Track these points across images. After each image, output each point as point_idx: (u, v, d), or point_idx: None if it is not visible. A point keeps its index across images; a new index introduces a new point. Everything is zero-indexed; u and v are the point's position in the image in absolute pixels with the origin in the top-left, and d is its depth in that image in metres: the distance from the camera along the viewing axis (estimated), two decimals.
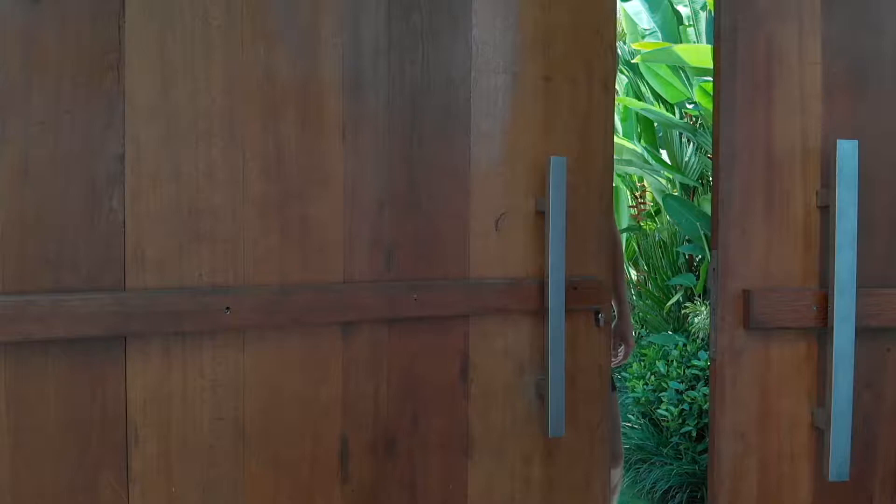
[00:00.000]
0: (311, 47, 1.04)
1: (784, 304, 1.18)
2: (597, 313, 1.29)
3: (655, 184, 4.92)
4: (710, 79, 3.09)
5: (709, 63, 2.96)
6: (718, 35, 1.24)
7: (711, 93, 3.11)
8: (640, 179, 5.64)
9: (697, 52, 3.04)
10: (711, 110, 3.22)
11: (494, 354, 1.23)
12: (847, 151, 1.14)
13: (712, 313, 1.21)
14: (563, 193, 1.19)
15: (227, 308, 0.99)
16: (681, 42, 3.95)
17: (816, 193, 1.19)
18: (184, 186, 0.98)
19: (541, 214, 1.23)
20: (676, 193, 4.66)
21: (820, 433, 1.19)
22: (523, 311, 1.25)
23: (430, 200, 1.16)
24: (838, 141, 1.14)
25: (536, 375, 1.26)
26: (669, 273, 4.89)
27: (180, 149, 0.97)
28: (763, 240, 1.19)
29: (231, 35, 1.00)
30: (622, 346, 2.43)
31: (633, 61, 4.04)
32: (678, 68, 4.08)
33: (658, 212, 5.35)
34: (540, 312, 1.25)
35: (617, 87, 5.59)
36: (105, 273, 0.92)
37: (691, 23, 3.88)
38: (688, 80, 4.05)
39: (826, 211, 1.17)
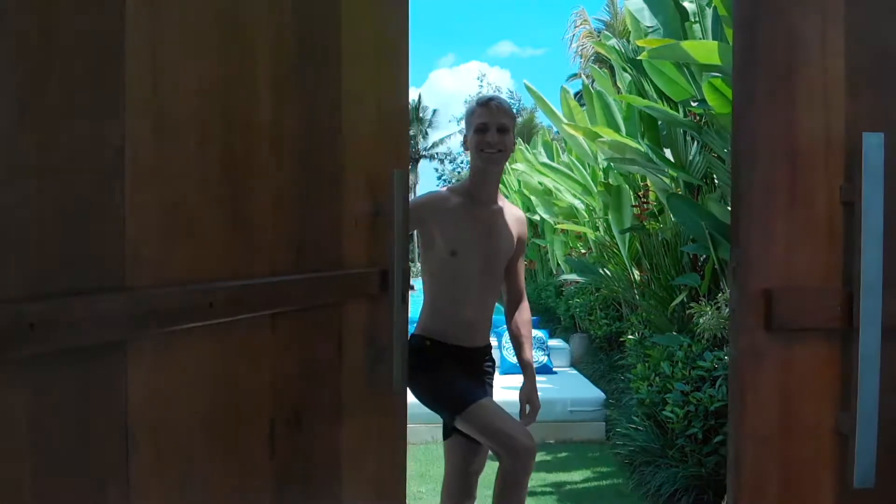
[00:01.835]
0: (250, 60, 1.14)
1: (807, 304, 1.13)
2: (403, 294, 1.61)
3: (659, 183, 4.88)
4: (719, 75, 3.05)
5: (717, 59, 2.92)
6: (737, 25, 1.20)
7: (720, 89, 3.07)
8: (643, 179, 5.60)
9: (705, 47, 2.99)
10: (719, 108, 3.17)
11: (354, 332, 1.45)
12: (872, 145, 1.10)
13: (731, 314, 1.17)
14: (402, 198, 1.51)
15: (211, 304, 1.01)
16: (685, 39, 3.90)
17: (840, 188, 1.14)
18: (170, 183, 0.97)
19: (380, 216, 1.51)
20: (680, 193, 4.62)
21: (844, 439, 1.14)
22: (371, 295, 1.51)
23: (322, 202, 1.34)
24: (864, 134, 1.10)
25: (377, 347, 1.52)
26: (673, 273, 4.85)
27: (167, 146, 0.96)
28: (785, 237, 1.14)
29: (202, 39, 1.02)
30: (528, 408, 2.43)
31: (638, 58, 3.99)
32: (682, 66, 4.04)
33: (661, 211, 5.30)
34: (382, 295, 1.52)
35: (619, 84, 5.55)
36: (111, 272, 0.88)
37: (697, 19, 3.83)
38: (692, 77, 4.01)
39: (850, 207, 1.13)
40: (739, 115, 1.19)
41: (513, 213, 2.45)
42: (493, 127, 2.26)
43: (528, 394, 2.45)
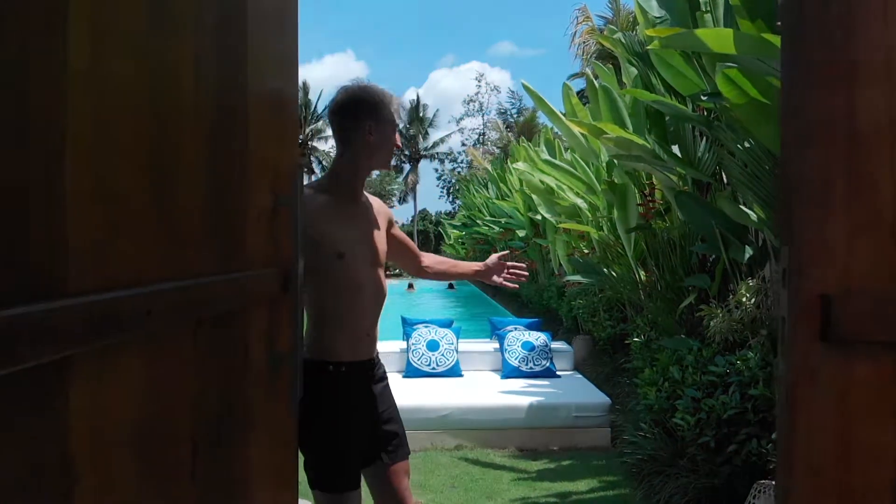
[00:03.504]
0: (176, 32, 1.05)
1: (871, 312, 0.97)
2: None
3: (665, 180, 4.71)
4: (734, 65, 2.88)
5: (732, 48, 2.75)
6: None
7: (735, 80, 2.90)
8: (649, 177, 5.43)
9: (719, 35, 2.82)
10: (735, 100, 3.01)
11: (258, 337, 1.38)
12: None
13: (782, 323, 1.01)
14: (300, 193, 1.51)
15: (149, 311, 0.90)
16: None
17: None
18: (109, 173, 0.84)
19: (280, 211, 1.44)
20: (689, 190, 4.46)
21: None
22: (273, 297, 1.45)
23: (231, 199, 1.23)
24: None
25: (277, 353, 1.47)
26: (682, 273, 4.68)
27: (107, 130, 0.84)
28: (844, 233, 0.98)
29: (129, 22, 0.91)
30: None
31: (648, 48, 3.82)
32: (692, 59, 3.87)
33: (667, 210, 5.14)
34: (282, 297, 1.48)
35: (625, 80, 5.38)
36: (53, 275, 0.75)
37: (708, 8, 3.67)
38: (703, 70, 3.85)
39: None
40: (789, 95, 1.03)
41: (376, 203, 2.34)
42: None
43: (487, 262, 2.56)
